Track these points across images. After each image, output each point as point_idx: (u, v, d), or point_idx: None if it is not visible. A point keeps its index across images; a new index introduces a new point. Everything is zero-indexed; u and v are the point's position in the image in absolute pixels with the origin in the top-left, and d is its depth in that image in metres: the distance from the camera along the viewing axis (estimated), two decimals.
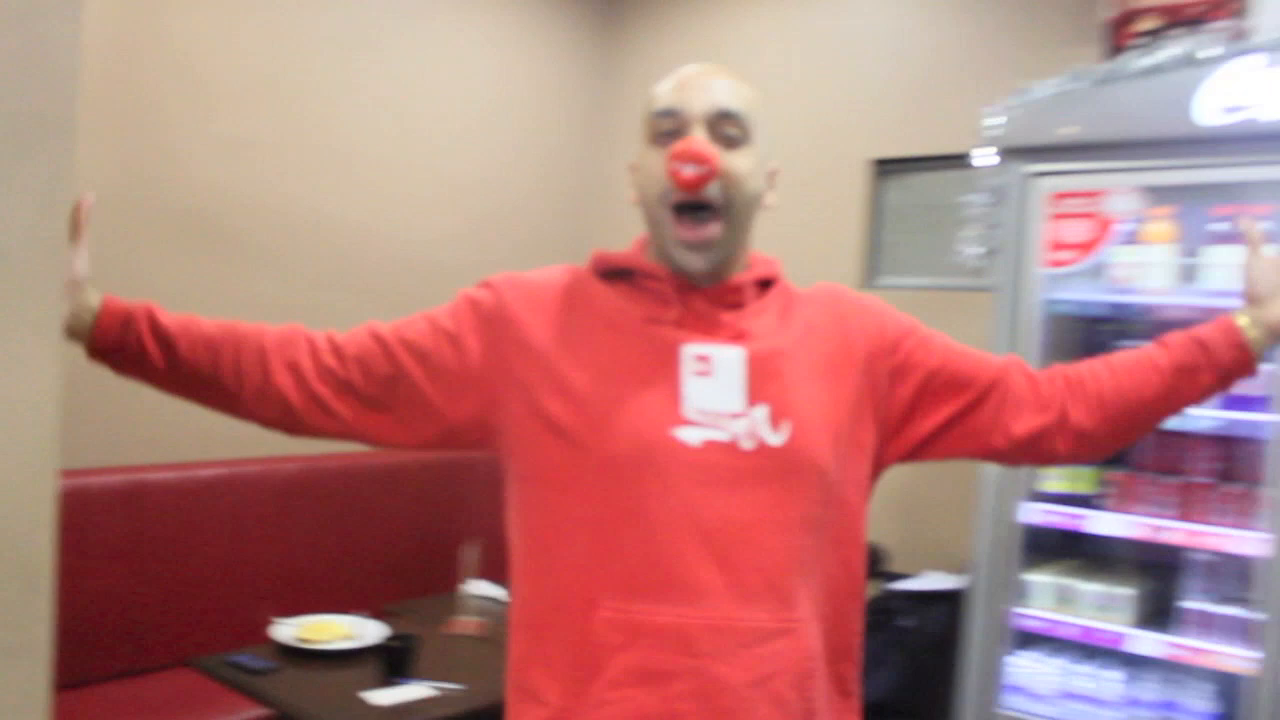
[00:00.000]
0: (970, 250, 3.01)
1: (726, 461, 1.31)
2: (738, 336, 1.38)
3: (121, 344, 1.32)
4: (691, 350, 1.36)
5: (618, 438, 1.31)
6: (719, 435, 1.32)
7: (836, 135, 4.30)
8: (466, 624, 2.99)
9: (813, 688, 1.34)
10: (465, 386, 1.40)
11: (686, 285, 1.40)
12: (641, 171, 1.41)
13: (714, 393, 1.34)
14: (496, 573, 3.20)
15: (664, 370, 1.35)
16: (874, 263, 4.26)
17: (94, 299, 1.31)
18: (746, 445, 1.32)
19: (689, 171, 1.32)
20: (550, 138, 4.84)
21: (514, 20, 4.63)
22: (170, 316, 1.35)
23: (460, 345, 1.40)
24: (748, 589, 1.30)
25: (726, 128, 1.36)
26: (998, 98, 2.94)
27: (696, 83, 1.38)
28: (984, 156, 2.94)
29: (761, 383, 1.35)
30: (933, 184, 4.08)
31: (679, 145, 1.33)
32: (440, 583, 3.44)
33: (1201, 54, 2.61)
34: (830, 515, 1.37)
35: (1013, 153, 2.89)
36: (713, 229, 1.36)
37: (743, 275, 1.43)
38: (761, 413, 1.34)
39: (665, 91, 1.39)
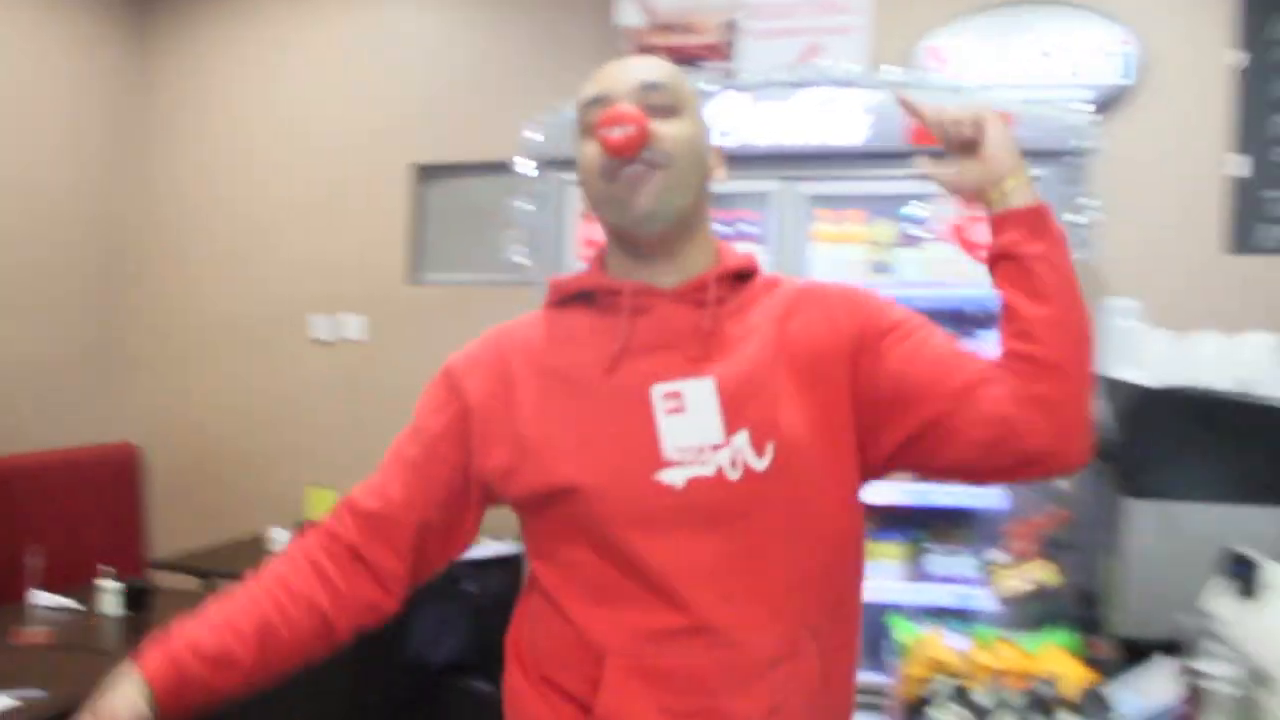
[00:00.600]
0: (513, 249, 3.34)
1: (714, 496, 1.28)
2: (705, 355, 1.32)
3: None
4: (660, 389, 1.30)
5: (604, 496, 1.28)
6: (703, 471, 1.28)
7: (381, 140, 4.53)
8: (34, 634, 2.86)
9: (823, 704, 1.33)
10: (461, 488, 1.41)
11: (650, 291, 1.35)
12: (581, 168, 1.35)
13: (690, 428, 1.29)
14: (60, 582, 3.09)
15: (636, 415, 1.30)
16: (418, 260, 4.53)
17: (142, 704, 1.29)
18: (732, 475, 1.28)
19: (616, 134, 1.27)
20: (81, 141, 4.65)
21: (29, 17, 4.40)
22: (206, 649, 1.32)
23: (437, 454, 1.40)
24: (751, 620, 1.27)
25: (654, 99, 1.32)
26: (537, 111, 3.28)
27: (617, 66, 1.36)
28: (525, 165, 3.28)
29: (738, 408, 1.29)
30: (477, 188, 4.40)
31: (603, 113, 1.29)
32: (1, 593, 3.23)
33: (700, 87, 3.10)
34: (828, 525, 1.34)
35: (550, 163, 3.24)
36: (656, 178, 1.30)
37: (709, 271, 1.37)
38: (743, 439, 1.28)
39: (589, 84, 1.36)
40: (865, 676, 1.54)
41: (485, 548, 3.63)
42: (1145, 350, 2.71)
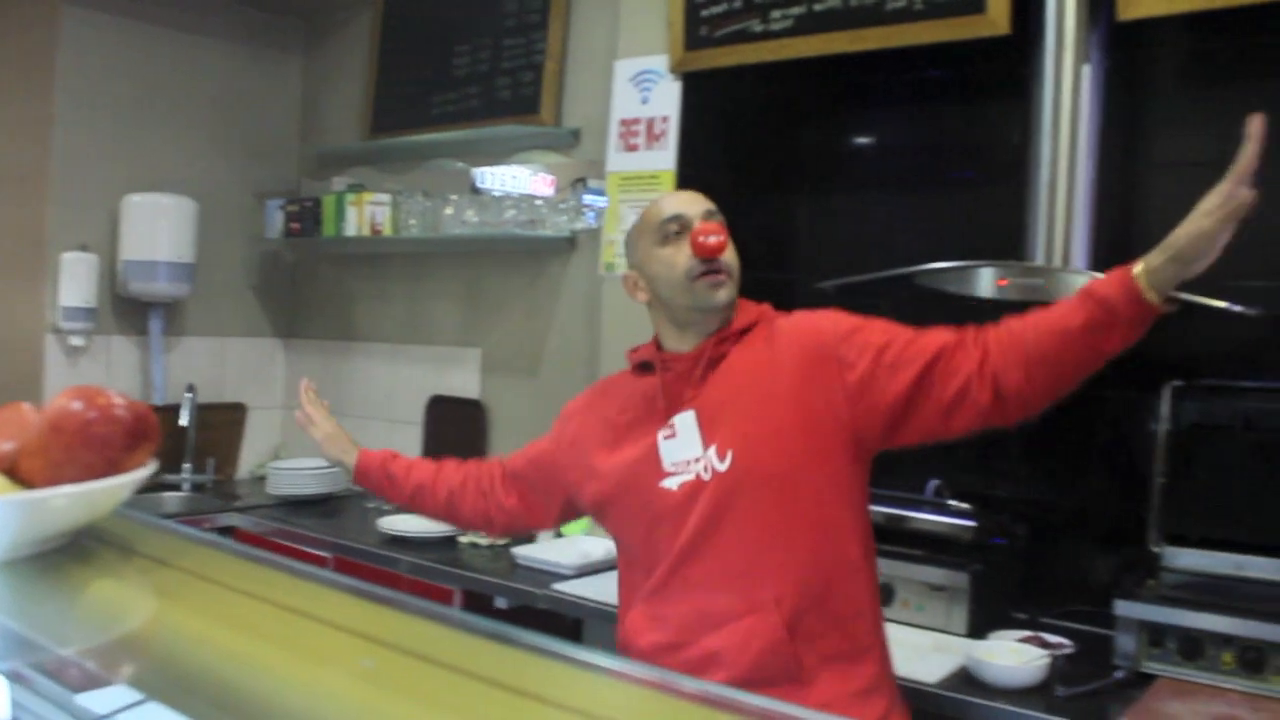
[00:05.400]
0: None
1: (695, 493, 1.79)
2: (695, 395, 1.84)
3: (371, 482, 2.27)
4: (667, 425, 1.85)
5: (629, 499, 1.88)
6: (689, 476, 1.80)
7: None
8: None
9: (789, 653, 1.73)
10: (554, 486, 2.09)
11: (675, 358, 1.90)
12: (659, 265, 1.87)
13: (680, 447, 1.83)
14: None
15: (647, 441, 1.87)
16: None
17: (350, 455, 2.27)
18: (705, 477, 1.79)
19: (712, 240, 1.81)
20: None
21: None
22: (400, 464, 2.24)
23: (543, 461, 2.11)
24: (721, 583, 1.77)
25: (715, 220, 1.86)
26: None
27: (686, 197, 1.90)
28: None
29: (711, 430, 1.80)
30: None
31: (698, 226, 1.83)
32: None
33: None
34: (799, 508, 1.76)
35: None
36: (728, 282, 1.85)
37: (710, 338, 1.87)
38: (712, 450, 1.79)
39: (665, 203, 1.89)
40: None
41: None
42: None
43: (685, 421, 1.83)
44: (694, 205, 1.88)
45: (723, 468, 1.78)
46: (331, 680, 0.97)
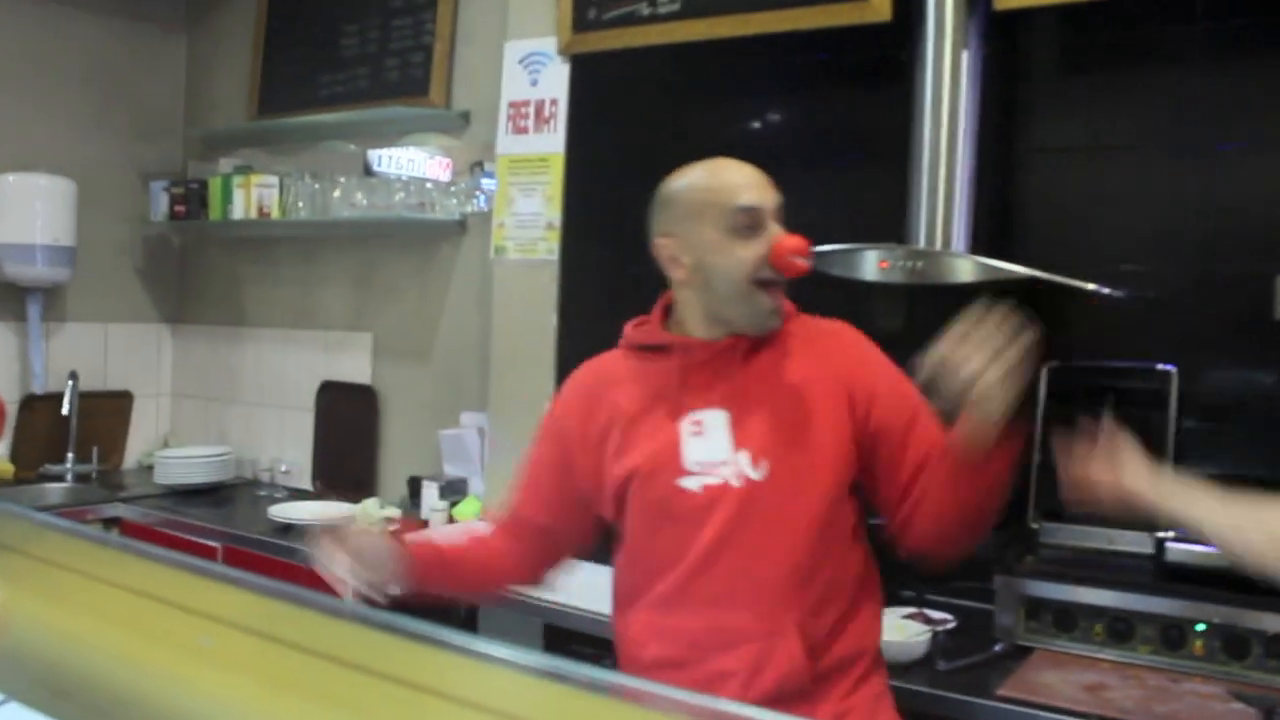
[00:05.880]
0: None
1: (719, 498, 1.67)
2: (730, 396, 1.71)
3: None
4: (689, 417, 1.71)
5: (643, 493, 1.72)
6: (713, 480, 1.68)
7: None
8: None
9: (809, 678, 1.64)
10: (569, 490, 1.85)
11: (719, 345, 1.74)
12: (721, 256, 1.70)
13: (706, 447, 1.69)
14: None
15: (666, 434, 1.72)
16: None
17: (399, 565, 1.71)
18: (735, 483, 1.67)
19: (803, 262, 1.69)
20: None
21: None
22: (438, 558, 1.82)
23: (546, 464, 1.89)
24: (740, 600, 1.65)
25: (799, 236, 1.71)
26: None
27: (761, 181, 1.73)
28: None
29: (743, 434, 1.69)
30: None
31: (795, 240, 1.69)
32: None
33: None
34: (832, 531, 1.69)
35: None
36: (783, 295, 1.74)
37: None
38: (744, 456, 1.67)
39: (741, 188, 1.71)
40: None
41: None
42: None
43: (715, 421, 1.71)
44: (767, 196, 1.73)
45: (756, 476, 1.67)
46: (212, 677, 0.95)
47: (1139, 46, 2.48)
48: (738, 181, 1.73)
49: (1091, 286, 2.22)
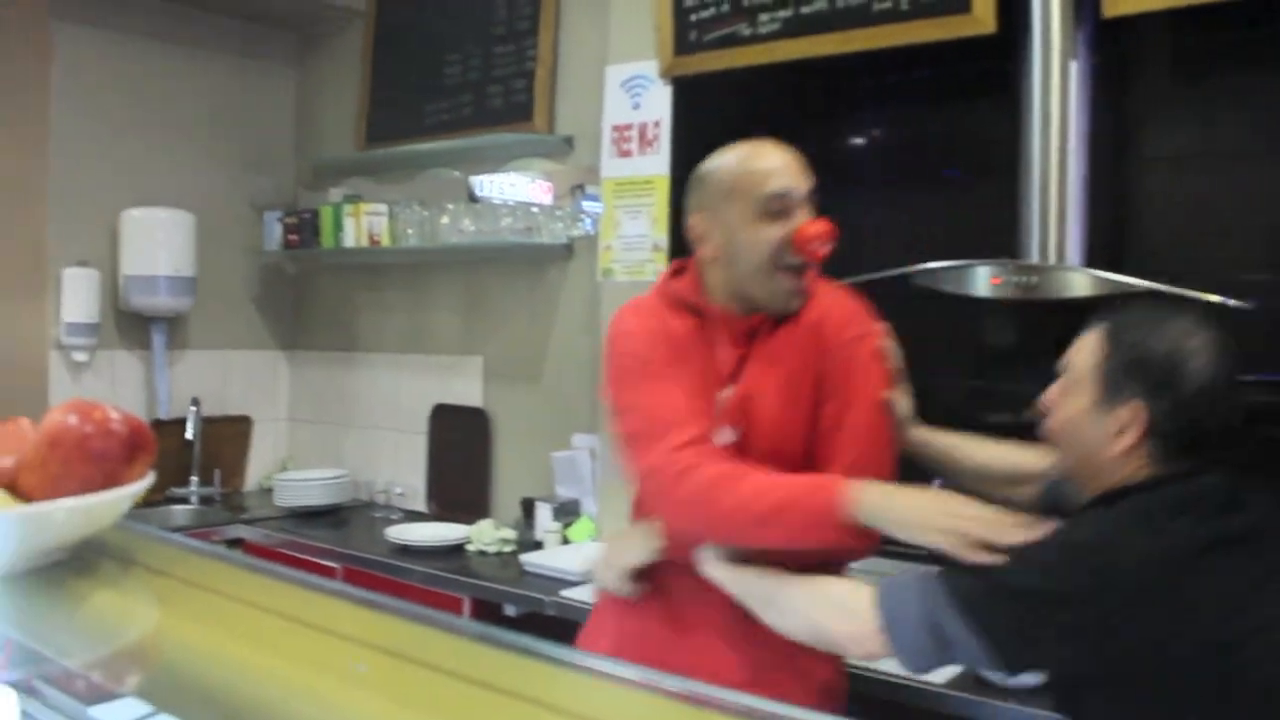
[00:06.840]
0: None
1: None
2: (739, 371, 1.78)
3: None
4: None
5: None
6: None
7: None
8: None
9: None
10: None
11: (743, 321, 1.79)
12: (748, 238, 1.74)
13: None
14: None
15: (708, 399, 1.76)
16: None
17: None
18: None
19: (827, 249, 1.73)
20: None
21: None
22: None
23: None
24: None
25: (826, 221, 1.74)
26: None
27: (794, 167, 1.77)
28: None
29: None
30: None
31: (817, 225, 1.73)
32: None
33: None
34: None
35: None
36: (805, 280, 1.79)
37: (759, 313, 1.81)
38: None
39: (774, 173, 1.75)
40: None
41: None
42: None
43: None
44: (800, 180, 1.77)
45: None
46: (339, 691, 0.98)
47: (1250, 49, 2.42)
48: (771, 166, 1.77)
49: (1214, 298, 2.16)
